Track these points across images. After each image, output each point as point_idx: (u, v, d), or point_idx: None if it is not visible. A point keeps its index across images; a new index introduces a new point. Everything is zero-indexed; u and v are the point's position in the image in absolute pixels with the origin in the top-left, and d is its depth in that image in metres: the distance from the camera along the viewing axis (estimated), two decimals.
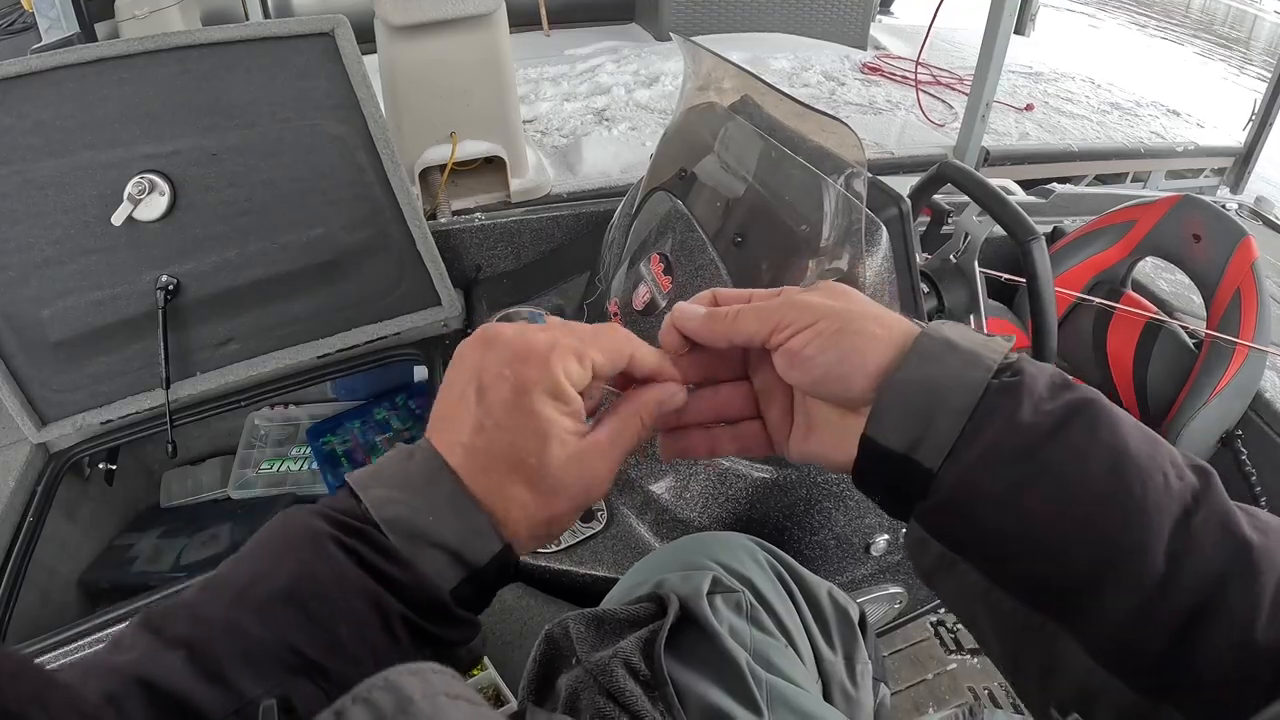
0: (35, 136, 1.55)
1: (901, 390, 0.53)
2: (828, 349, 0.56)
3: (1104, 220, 2.23)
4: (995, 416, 0.51)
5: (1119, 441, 0.48)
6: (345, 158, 1.74)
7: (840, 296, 0.58)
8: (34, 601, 1.63)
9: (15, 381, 1.72)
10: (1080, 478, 0.48)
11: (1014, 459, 0.49)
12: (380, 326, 1.93)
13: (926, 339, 0.55)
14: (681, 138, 1.66)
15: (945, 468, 0.52)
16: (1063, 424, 0.49)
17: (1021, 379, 0.52)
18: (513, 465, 0.54)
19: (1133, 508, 0.46)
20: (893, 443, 0.54)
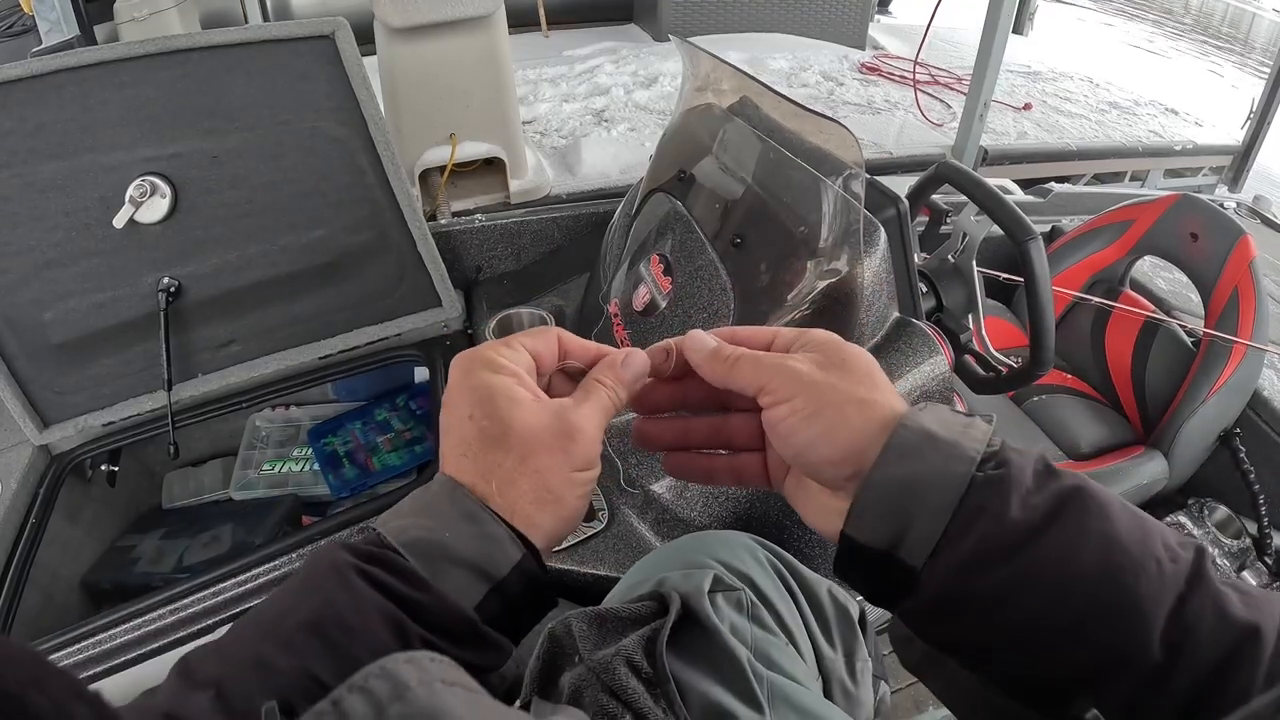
0: (36, 139, 1.55)
1: (879, 488, 0.53)
2: (799, 430, 0.56)
3: (1102, 219, 2.24)
4: (982, 514, 0.50)
5: (1110, 530, 0.48)
6: (346, 160, 1.74)
7: (833, 369, 0.58)
8: (37, 603, 1.63)
9: (17, 384, 1.72)
10: (1072, 575, 0.47)
11: (1003, 558, 0.49)
12: (381, 328, 1.94)
13: (905, 431, 0.54)
14: (680, 139, 1.66)
15: (930, 567, 0.51)
16: (1052, 518, 0.49)
17: (1007, 471, 0.51)
18: (480, 439, 0.56)
19: (1127, 604, 0.46)
20: (872, 540, 0.53)
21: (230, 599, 1.49)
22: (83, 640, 1.44)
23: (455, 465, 0.57)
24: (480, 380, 0.57)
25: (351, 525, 1.56)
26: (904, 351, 1.34)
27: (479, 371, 0.58)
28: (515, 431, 0.56)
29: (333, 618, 0.50)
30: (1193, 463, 2.05)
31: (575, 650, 0.85)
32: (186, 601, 1.48)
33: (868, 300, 1.32)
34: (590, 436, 0.59)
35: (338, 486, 1.98)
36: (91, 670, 1.42)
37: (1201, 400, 1.92)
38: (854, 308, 1.30)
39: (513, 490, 0.56)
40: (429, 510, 0.56)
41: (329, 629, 0.50)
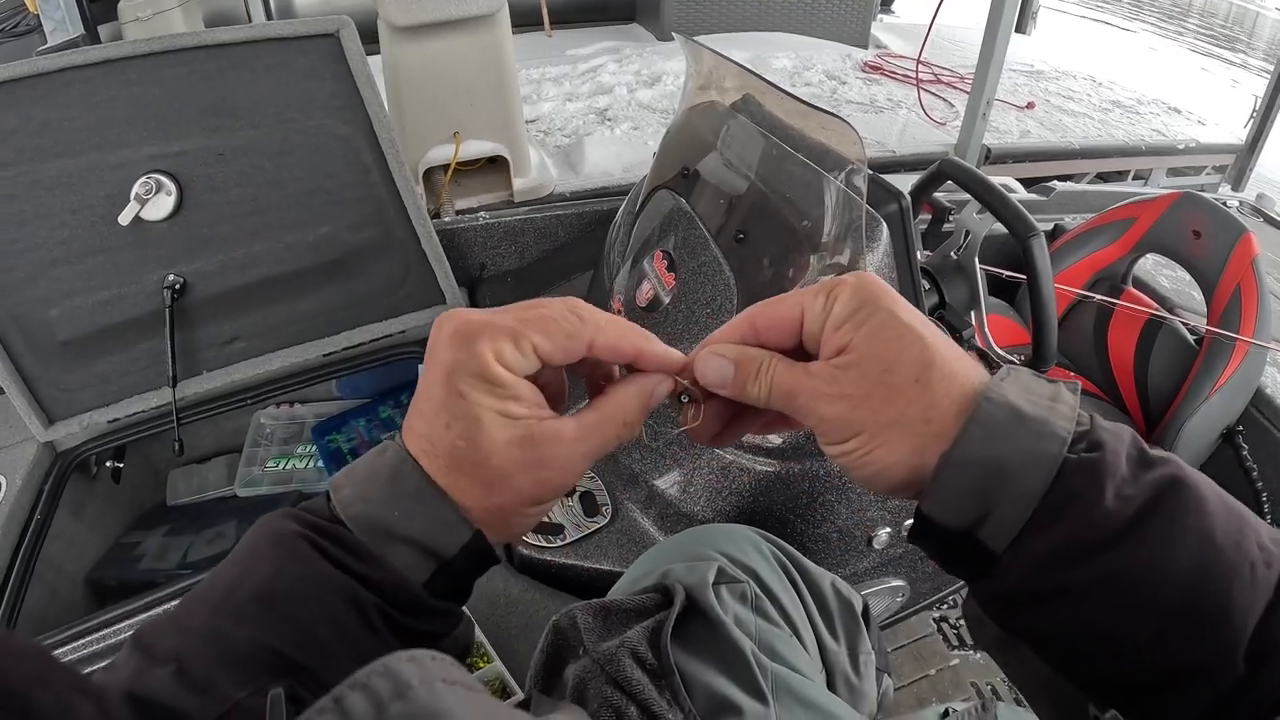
0: (43, 137, 1.56)
1: (961, 469, 0.48)
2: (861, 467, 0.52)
3: (1104, 217, 2.24)
4: (1073, 503, 0.46)
5: (1207, 527, 0.45)
6: (350, 158, 1.75)
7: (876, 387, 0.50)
8: (41, 599, 1.64)
9: (23, 380, 1.73)
10: (1164, 577, 0.44)
11: (1092, 553, 0.45)
12: (385, 325, 1.95)
13: (989, 406, 0.49)
14: (684, 136, 1.67)
15: (1012, 554, 0.48)
16: (1149, 512, 0.45)
17: (1102, 455, 0.47)
18: (450, 453, 0.52)
19: (1217, 612, 0.43)
20: (951, 522, 0.49)
21: None
22: (87, 636, 1.45)
23: (411, 438, 0.53)
24: (470, 394, 0.51)
25: None
26: None
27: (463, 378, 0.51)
28: (490, 468, 0.52)
29: (285, 589, 0.50)
30: (1195, 460, 2.04)
31: (580, 642, 0.86)
32: None
33: None
34: (567, 482, 0.55)
35: None
36: (95, 666, 1.42)
37: (1204, 398, 1.92)
38: None
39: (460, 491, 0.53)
40: (380, 480, 0.53)
41: (282, 600, 0.50)
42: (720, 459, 1.38)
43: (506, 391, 0.51)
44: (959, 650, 2.01)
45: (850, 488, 1.40)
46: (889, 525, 1.46)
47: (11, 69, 1.50)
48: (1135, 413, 2.15)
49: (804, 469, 1.35)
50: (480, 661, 1.27)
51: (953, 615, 2.09)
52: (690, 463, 1.41)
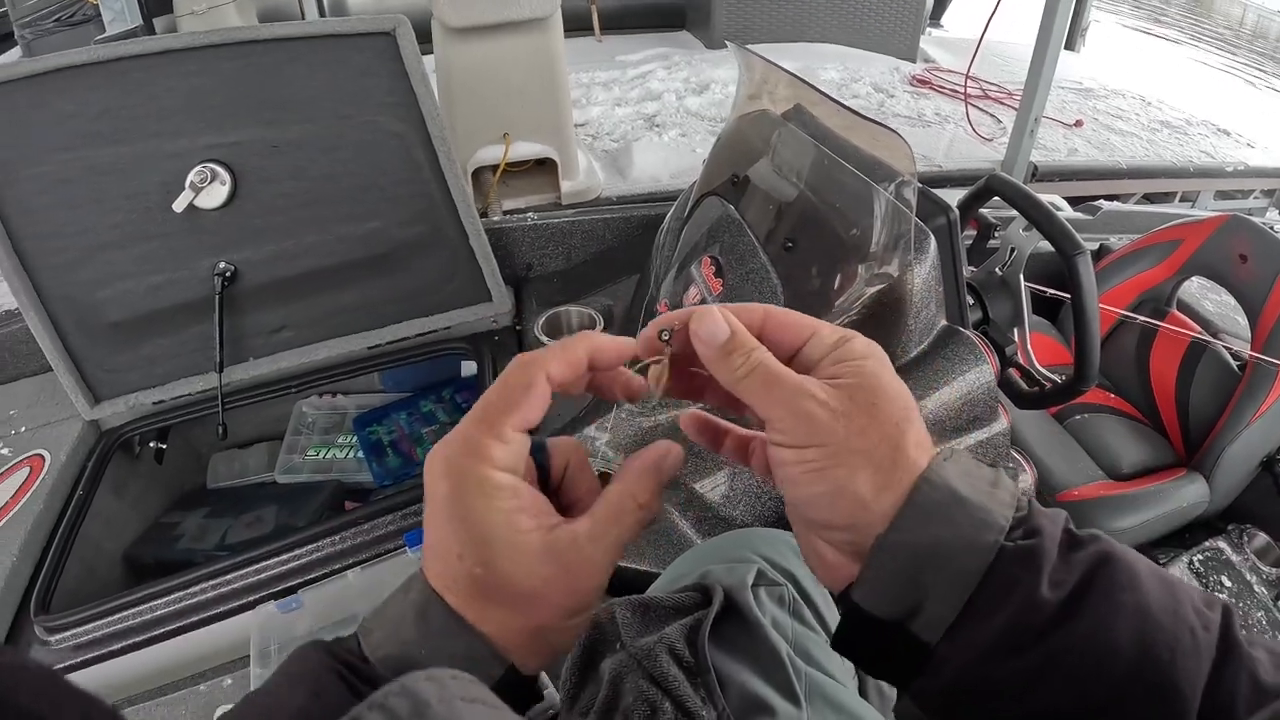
0: (100, 124, 1.60)
1: (894, 554, 0.47)
2: (802, 484, 0.50)
3: (1150, 239, 2.23)
4: (1012, 591, 0.46)
5: (1142, 602, 0.45)
6: (403, 154, 1.78)
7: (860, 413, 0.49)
8: (79, 574, 1.67)
9: (71, 359, 1.78)
10: (1106, 656, 0.44)
11: (1033, 641, 0.45)
12: (431, 320, 1.98)
13: (929, 489, 0.48)
14: (734, 144, 1.68)
15: (948, 646, 0.47)
16: (1084, 592, 0.45)
17: (1039, 541, 0.47)
18: (470, 583, 0.50)
19: (1164, 683, 0.43)
20: (882, 611, 0.48)
21: (272, 577, 1.53)
22: (124, 610, 1.49)
23: (432, 572, 0.51)
24: (472, 509, 0.49)
25: (394, 511, 1.61)
26: (950, 359, 1.35)
27: (470, 493, 0.49)
28: (514, 586, 0.49)
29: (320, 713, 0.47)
30: (1234, 488, 2.03)
31: (617, 637, 0.87)
32: (229, 578, 1.52)
33: (916, 307, 1.33)
34: (601, 583, 0.52)
35: (381, 475, 2.01)
36: (131, 640, 1.47)
37: (1245, 424, 1.90)
38: (902, 314, 1.31)
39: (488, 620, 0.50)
40: (408, 621, 0.51)
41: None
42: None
43: (509, 500, 0.49)
44: None
45: None
46: None
47: (71, 56, 1.55)
48: (1175, 437, 2.14)
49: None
50: None
51: None
52: (731, 467, 1.41)
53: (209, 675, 1.38)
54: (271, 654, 1.32)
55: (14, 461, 1.81)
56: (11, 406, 1.97)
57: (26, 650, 1.47)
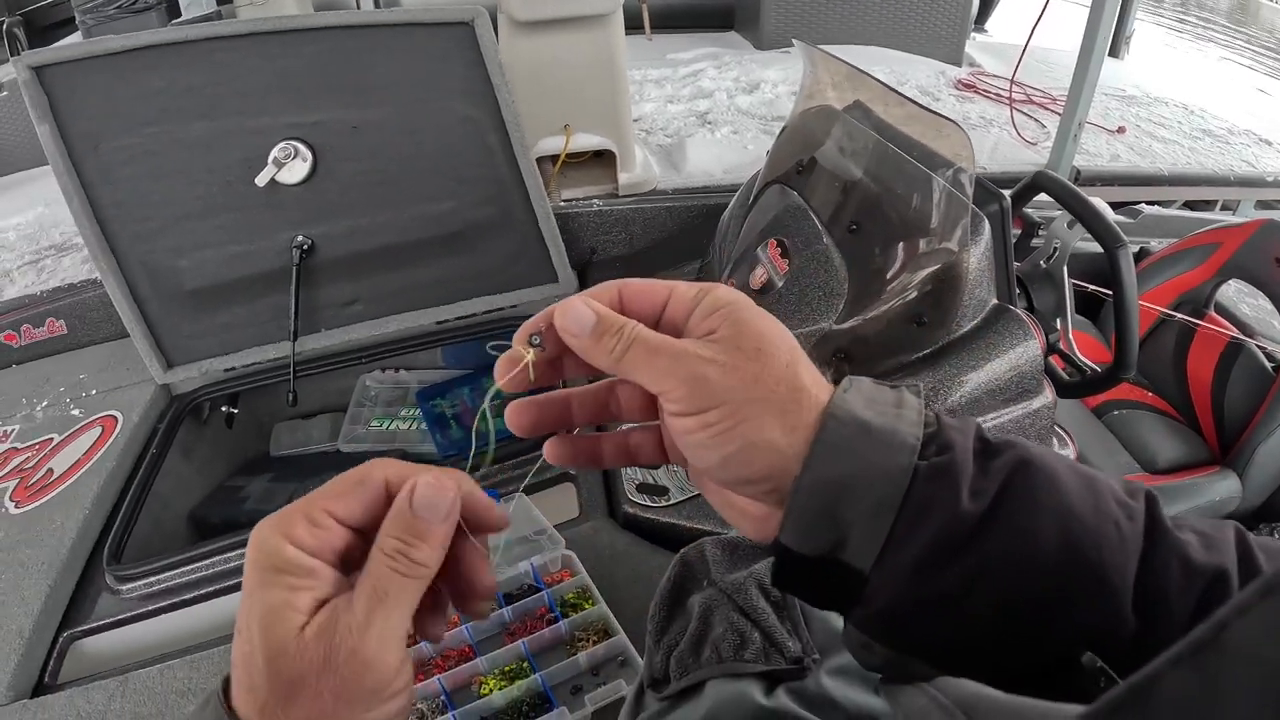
0: (185, 100, 1.69)
1: (813, 493, 0.47)
2: (712, 448, 0.49)
3: (1189, 241, 2.27)
4: (930, 510, 0.45)
5: (1063, 501, 0.45)
6: (476, 139, 1.85)
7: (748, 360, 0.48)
8: (147, 529, 1.74)
9: (146, 325, 1.86)
10: (1034, 559, 0.44)
11: (958, 553, 0.45)
12: (498, 298, 2.05)
13: (834, 424, 0.47)
14: (798, 136, 1.74)
15: (878, 571, 0.46)
16: (1002, 500, 0.45)
17: (952, 456, 0.46)
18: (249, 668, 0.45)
19: (1093, 579, 0.44)
20: (811, 549, 0.47)
21: None
22: (191, 564, 1.56)
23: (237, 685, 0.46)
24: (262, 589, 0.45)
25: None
26: (1000, 334, 1.42)
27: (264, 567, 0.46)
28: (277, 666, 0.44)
29: None
30: (1267, 486, 2.08)
31: (705, 574, 0.93)
32: None
33: (970, 285, 1.40)
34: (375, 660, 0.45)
35: (445, 445, 2.08)
36: (197, 592, 1.54)
37: (1278, 424, 1.95)
38: (958, 291, 1.38)
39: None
40: None
41: None
42: None
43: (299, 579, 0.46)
44: None
45: None
46: None
47: (161, 34, 1.64)
48: (1210, 435, 2.19)
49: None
50: (586, 604, 1.37)
51: None
52: None
53: None
54: None
55: (85, 421, 1.89)
56: (81, 371, 2.06)
57: (96, 599, 1.55)
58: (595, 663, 1.31)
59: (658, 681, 0.85)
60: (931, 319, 1.40)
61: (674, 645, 0.86)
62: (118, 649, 1.49)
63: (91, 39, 1.96)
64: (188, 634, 1.51)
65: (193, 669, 1.38)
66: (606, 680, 1.27)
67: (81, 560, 1.61)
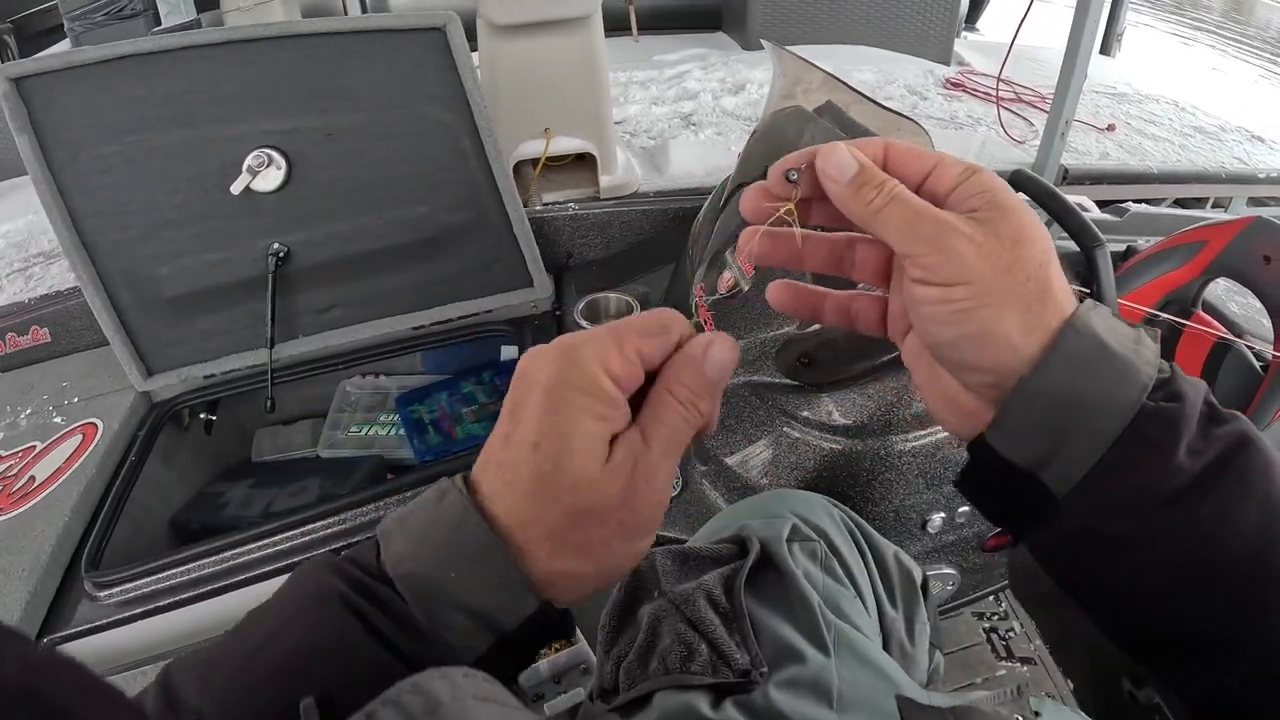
0: (164, 108, 1.67)
1: (1036, 400, 0.46)
2: (949, 324, 0.48)
3: (1175, 240, 2.25)
4: (1147, 451, 0.45)
5: (1273, 493, 0.44)
6: (451, 144, 1.84)
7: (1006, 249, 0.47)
8: (128, 536, 1.73)
9: (126, 333, 1.85)
10: (1228, 537, 0.44)
11: (1159, 505, 0.44)
12: (474, 303, 2.03)
13: (1075, 337, 0.47)
14: (768, 138, 1.72)
15: (1075, 497, 0.46)
16: (1219, 469, 0.44)
17: (1181, 406, 0.45)
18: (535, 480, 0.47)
19: (1272, 582, 0.43)
20: (1016, 456, 0.48)
21: (315, 540, 1.59)
22: (171, 569, 1.55)
23: (489, 485, 0.49)
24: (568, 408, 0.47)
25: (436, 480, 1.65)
26: None
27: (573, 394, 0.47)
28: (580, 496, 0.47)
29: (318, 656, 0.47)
30: None
31: (656, 584, 0.92)
32: (274, 540, 1.58)
33: None
34: (659, 500, 0.50)
35: (422, 451, 2.07)
36: (177, 597, 1.53)
37: (1267, 424, 1.92)
38: None
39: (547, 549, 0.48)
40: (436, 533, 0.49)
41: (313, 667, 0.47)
42: (788, 436, 1.43)
43: (607, 409, 0.48)
44: (1006, 662, 2.03)
45: (909, 468, 1.44)
46: (943, 511, 1.50)
47: (139, 44, 1.62)
48: None
49: (866, 447, 1.40)
50: None
51: (1002, 627, 2.12)
52: (760, 439, 1.47)
53: None
54: None
55: (66, 429, 1.88)
56: (64, 379, 2.05)
57: (75, 605, 1.54)
58: (557, 670, 1.31)
59: (607, 692, 0.85)
60: None
61: (623, 656, 0.86)
62: (98, 655, 1.49)
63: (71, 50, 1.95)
64: (167, 639, 1.51)
65: None
66: (569, 688, 1.27)
67: (61, 567, 1.60)
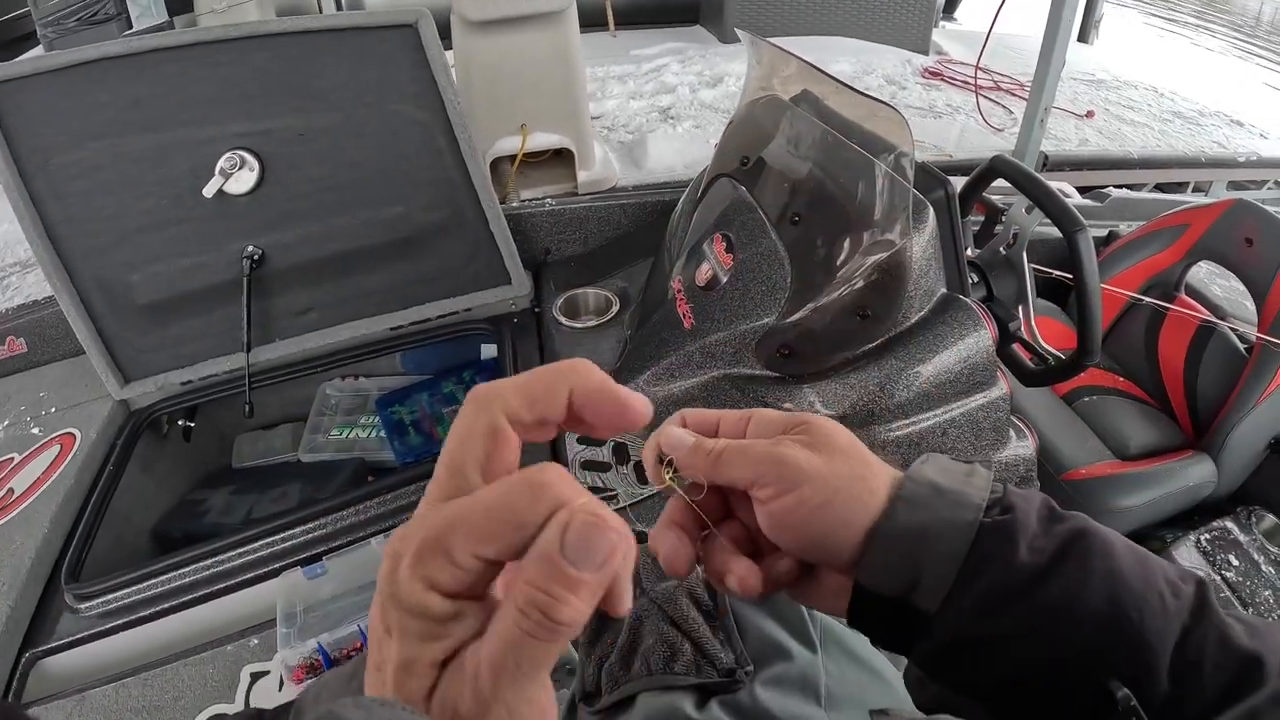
0: (133, 113, 1.65)
1: (891, 539, 0.53)
2: (813, 521, 0.54)
3: (1158, 223, 2.25)
4: (990, 560, 0.51)
5: (1114, 567, 0.50)
6: (425, 141, 1.82)
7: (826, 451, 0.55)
8: (108, 547, 1.71)
9: (102, 341, 1.83)
10: (1079, 613, 0.49)
11: (1012, 601, 0.50)
12: (452, 302, 2.02)
13: (911, 484, 0.54)
14: (744, 128, 1.71)
15: (941, 612, 0.52)
16: (1059, 559, 0.51)
17: (1013, 516, 0.52)
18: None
19: (1133, 638, 0.48)
20: (886, 588, 0.53)
21: (297, 545, 1.57)
22: (152, 579, 1.53)
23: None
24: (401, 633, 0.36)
25: (417, 481, 1.65)
26: (950, 325, 1.38)
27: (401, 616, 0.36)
28: None
29: None
30: (1243, 469, 2.06)
31: (637, 582, 0.89)
32: (255, 546, 1.56)
33: (916, 275, 1.36)
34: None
35: (403, 452, 2.06)
36: (159, 607, 1.51)
37: (1252, 406, 1.93)
38: (902, 282, 1.35)
39: None
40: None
41: None
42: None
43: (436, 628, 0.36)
44: None
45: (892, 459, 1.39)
46: None
47: (106, 47, 1.60)
48: (1183, 419, 2.16)
49: None
50: None
51: None
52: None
53: (235, 637, 1.42)
54: (297, 615, 1.35)
55: (44, 440, 1.85)
56: (42, 389, 2.02)
57: (57, 618, 1.52)
58: None
59: (589, 695, 0.83)
60: (875, 311, 1.36)
61: (605, 657, 0.84)
62: (81, 668, 1.46)
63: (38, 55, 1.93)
64: (149, 650, 1.48)
65: (146, 686, 1.36)
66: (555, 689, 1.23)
67: (42, 580, 1.57)
